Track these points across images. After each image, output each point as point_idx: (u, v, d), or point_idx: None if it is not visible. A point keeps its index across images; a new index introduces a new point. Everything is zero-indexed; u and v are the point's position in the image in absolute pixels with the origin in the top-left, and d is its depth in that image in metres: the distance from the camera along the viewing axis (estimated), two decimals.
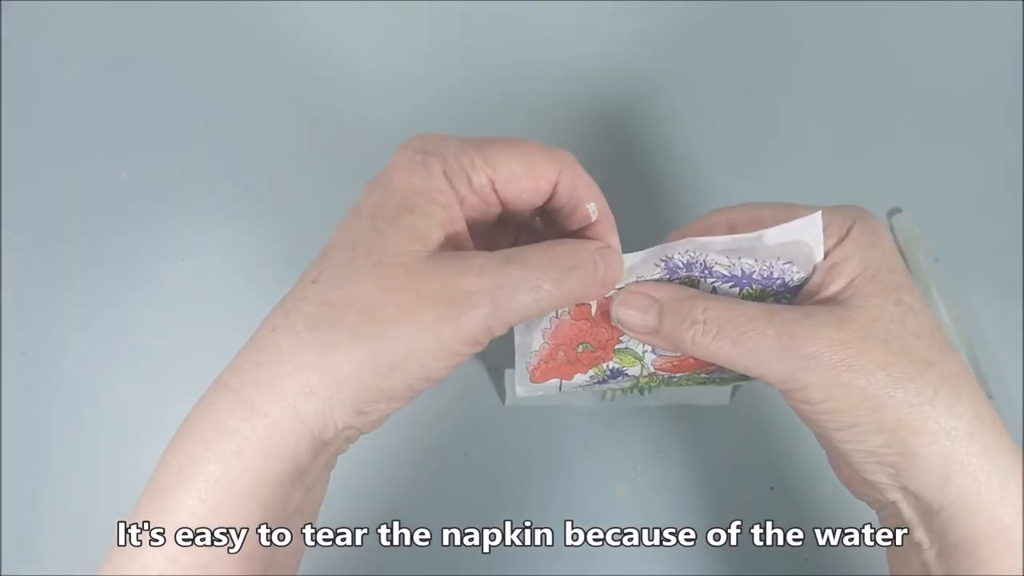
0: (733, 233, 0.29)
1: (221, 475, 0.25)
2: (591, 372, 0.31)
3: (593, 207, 0.29)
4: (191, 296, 0.46)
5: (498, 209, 0.29)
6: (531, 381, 0.30)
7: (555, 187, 0.28)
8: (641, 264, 0.29)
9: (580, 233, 0.29)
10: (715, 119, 0.50)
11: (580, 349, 0.30)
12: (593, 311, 0.30)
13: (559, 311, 0.29)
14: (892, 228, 0.48)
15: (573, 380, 0.31)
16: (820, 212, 0.28)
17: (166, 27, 0.50)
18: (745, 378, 0.35)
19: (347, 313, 0.25)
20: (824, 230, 0.28)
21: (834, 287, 0.28)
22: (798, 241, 0.28)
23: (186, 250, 0.46)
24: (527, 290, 0.25)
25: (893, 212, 0.48)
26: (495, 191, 0.28)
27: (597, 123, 0.49)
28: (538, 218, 0.32)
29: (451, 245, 0.27)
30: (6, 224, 0.46)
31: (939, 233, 0.47)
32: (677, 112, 0.50)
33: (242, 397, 0.25)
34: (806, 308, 0.28)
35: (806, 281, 0.29)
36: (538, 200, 0.29)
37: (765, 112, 0.50)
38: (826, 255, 0.28)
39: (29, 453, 0.43)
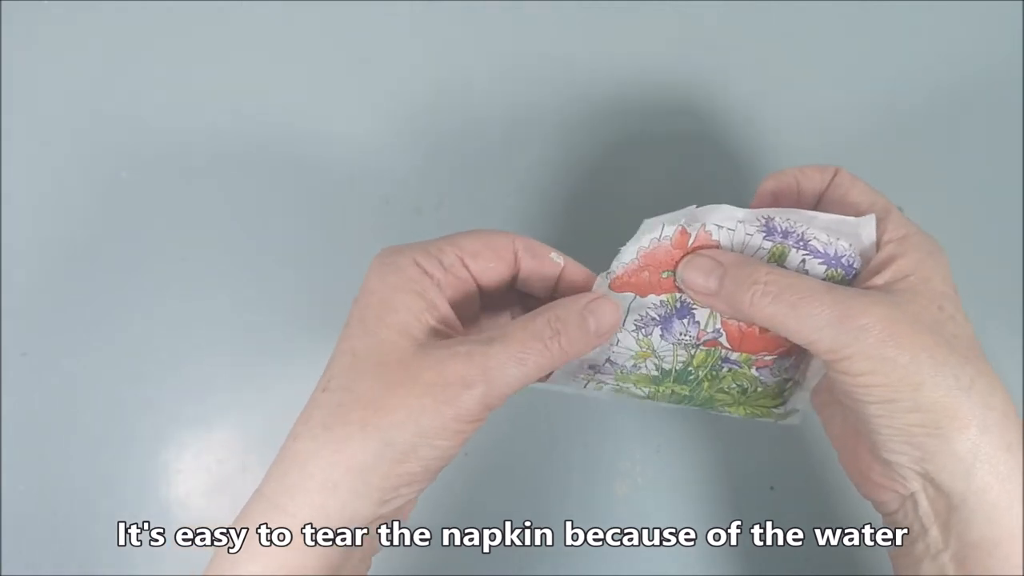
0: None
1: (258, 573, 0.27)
2: (663, 297, 0.32)
3: (555, 254, 0.32)
4: (191, 296, 0.46)
5: (473, 286, 0.31)
6: (610, 288, 0.31)
7: (516, 256, 0.31)
8: (745, 216, 0.30)
9: (561, 285, 0.32)
10: (718, 119, 0.50)
11: (665, 275, 0.31)
12: (691, 242, 0.31)
13: (661, 235, 0.30)
14: None
15: (646, 299, 0.32)
16: (873, 216, 0.30)
17: (167, 27, 0.50)
18: (779, 404, 0.35)
19: (356, 410, 0.27)
20: (887, 220, 0.30)
21: (888, 275, 0.29)
22: (861, 236, 0.30)
23: (186, 250, 0.46)
24: (513, 365, 0.28)
25: None
26: (466, 267, 0.31)
27: (590, 126, 0.49)
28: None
29: (441, 325, 0.29)
30: (6, 224, 0.46)
31: (939, 233, 0.47)
32: (678, 113, 0.50)
33: (273, 503, 0.28)
34: (862, 289, 0.29)
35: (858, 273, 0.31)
36: (505, 270, 0.31)
37: (767, 112, 0.50)
38: (885, 244, 0.30)
39: (29, 453, 0.43)
